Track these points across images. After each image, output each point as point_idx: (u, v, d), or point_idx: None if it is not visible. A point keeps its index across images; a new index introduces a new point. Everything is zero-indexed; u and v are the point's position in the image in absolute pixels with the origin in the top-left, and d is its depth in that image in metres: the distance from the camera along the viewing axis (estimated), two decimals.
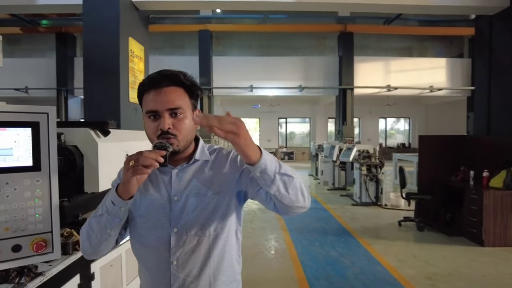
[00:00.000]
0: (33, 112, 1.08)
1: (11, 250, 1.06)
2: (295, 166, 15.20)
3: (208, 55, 14.23)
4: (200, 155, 1.10)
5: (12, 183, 1.06)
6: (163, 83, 1.00)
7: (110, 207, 0.95)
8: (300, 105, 18.23)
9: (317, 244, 4.63)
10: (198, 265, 1.04)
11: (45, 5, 5.06)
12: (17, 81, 14.10)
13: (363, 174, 6.93)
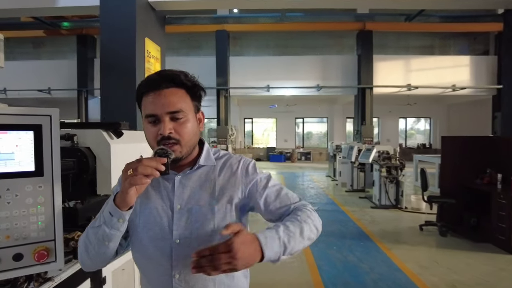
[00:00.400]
0: (35, 114, 1.03)
1: (12, 259, 1.01)
2: (312, 167, 15.01)
3: (225, 55, 14.24)
4: (205, 160, 1.04)
5: (13, 189, 1.01)
6: (163, 84, 0.93)
7: (108, 218, 0.89)
8: (317, 105, 17.99)
9: (334, 248, 4.50)
10: (201, 279, 0.97)
11: (64, 8, 5.13)
12: (41, 83, 14.55)
13: (382, 176, 6.73)
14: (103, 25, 4.37)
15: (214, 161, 1.05)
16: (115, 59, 4.37)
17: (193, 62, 15.04)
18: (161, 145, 0.91)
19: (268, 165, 16.15)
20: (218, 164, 1.05)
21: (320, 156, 18.37)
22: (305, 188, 9.43)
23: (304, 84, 13.92)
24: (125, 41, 4.37)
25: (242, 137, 19.15)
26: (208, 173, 1.03)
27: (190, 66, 12.40)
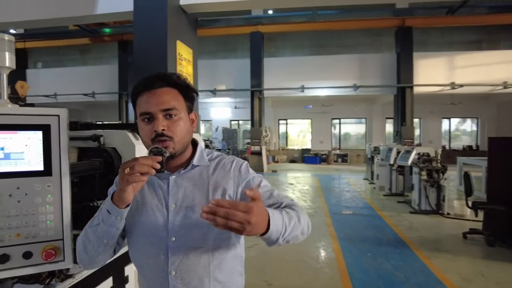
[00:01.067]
0: (43, 114, 1.04)
1: (22, 256, 1.02)
2: (349, 169, 14.59)
3: (259, 56, 14.27)
4: (199, 160, 1.07)
5: (23, 188, 1.03)
6: (157, 84, 0.98)
7: (106, 216, 0.92)
8: (355, 105, 17.46)
9: (368, 255, 4.29)
10: (197, 276, 1.01)
11: (102, 15, 5.39)
12: (86, 87, 15.44)
13: (422, 179, 6.35)
14: (136, 29, 4.51)
15: (208, 162, 1.09)
16: (147, 62, 4.49)
17: (229, 64, 15.24)
18: (155, 142, 0.95)
19: (303, 166, 15.91)
20: (211, 165, 1.09)
21: (357, 158, 17.80)
22: (341, 191, 9.16)
23: (340, 84, 13.60)
24: (157, 44, 4.48)
25: (277, 138, 19.03)
26: (202, 173, 1.06)
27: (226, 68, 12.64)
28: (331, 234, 5.18)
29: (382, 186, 8.56)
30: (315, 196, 8.30)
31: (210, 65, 15.04)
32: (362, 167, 14.45)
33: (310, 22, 13.05)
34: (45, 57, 18.22)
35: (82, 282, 1.55)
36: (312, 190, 9.33)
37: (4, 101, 1.10)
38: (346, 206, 7.09)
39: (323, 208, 6.99)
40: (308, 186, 10.05)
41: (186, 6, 5.08)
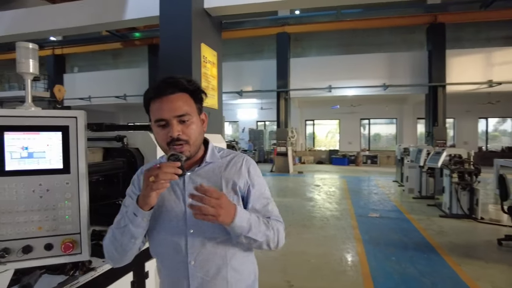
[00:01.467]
0: (63, 116, 1.11)
1: (44, 248, 1.10)
2: (378, 171, 14.20)
3: (286, 57, 14.25)
4: (211, 157, 1.16)
5: (44, 184, 1.11)
6: (168, 90, 1.03)
7: (133, 218, 1.01)
8: (385, 105, 16.97)
9: (393, 259, 4.17)
10: (215, 265, 1.09)
11: (130, 20, 5.61)
12: (118, 90, 16.06)
13: (454, 182, 6.09)
14: (162, 33, 4.66)
15: (220, 158, 1.17)
16: (173, 64, 4.62)
17: (255, 66, 15.33)
18: (171, 145, 1.02)
19: (330, 168, 15.68)
20: (223, 162, 1.17)
21: (388, 160, 17.28)
22: (368, 193, 8.96)
23: (368, 83, 13.30)
24: (182, 47, 4.60)
25: (303, 139, 18.86)
26: (214, 169, 1.14)
27: (253, 70, 12.72)
28: (355, 237, 5.09)
29: (412, 188, 8.28)
30: (342, 198, 8.17)
31: (237, 67, 15.19)
32: (392, 169, 14.05)
33: (337, 21, 12.88)
34: (81, 61, 19.16)
35: (104, 275, 1.63)
36: (339, 192, 9.19)
37: (28, 104, 1.19)
38: (373, 209, 6.93)
39: (349, 210, 6.87)
40: (335, 188, 9.90)
41: (210, 9, 5.17)
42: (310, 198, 8.27)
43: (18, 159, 1.09)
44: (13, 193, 1.09)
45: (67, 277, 1.49)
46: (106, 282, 1.67)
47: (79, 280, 1.47)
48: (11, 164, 1.08)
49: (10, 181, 1.08)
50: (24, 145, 1.09)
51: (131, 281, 1.90)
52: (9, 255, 1.08)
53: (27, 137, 1.09)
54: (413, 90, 13.11)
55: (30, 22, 7.65)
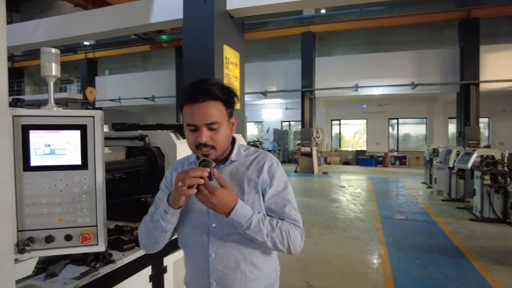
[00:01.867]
0: (81, 115, 1.18)
1: (64, 238, 1.18)
2: (407, 172, 13.79)
3: (311, 56, 14.14)
4: (236, 156, 1.20)
5: (64, 179, 1.19)
6: (201, 98, 1.07)
7: (163, 215, 1.10)
8: (413, 104, 16.41)
9: (417, 262, 4.05)
10: (234, 259, 1.14)
11: (155, 23, 5.80)
12: (147, 91, 16.53)
13: (485, 184, 5.82)
14: (186, 35, 4.78)
15: (244, 157, 1.21)
16: (195, 66, 4.72)
17: (280, 66, 15.31)
18: (199, 149, 1.09)
19: (357, 169, 15.38)
20: (248, 160, 1.21)
21: (417, 161, 16.71)
22: (395, 195, 8.73)
23: (396, 82, 12.94)
24: (204, 49, 4.69)
25: (329, 139, 18.60)
26: (238, 167, 1.19)
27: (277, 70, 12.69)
28: (379, 239, 4.98)
29: (440, 190, 7.99)
30: (367, 200, 8.01)
31: (261, 67, 15.24)
32: (421, 170, 13.57)
33: (364, 19, 12.60)
34: (112, 64, 19.92)
35: (123, 267, 1.71)
36: (364, 193, 9.01)
37: (51, 104, 1.28)
38: (399, 211, 6.75)
39: (374, 212, 6.73)
40: (361, 189, 9.72)
41: (232, 11, 5.24)
42: (334, 199, 8.17)
43: (41, 155, 1.17)
44: (37, 187, 1.17)
45: (89, 268, 1.58)
46: (125, 275, 1.74)
47: (99, 271, 1.56)
48: (36, 160, 1.17)
49: (34, 175, 1.17)
50: (47, 143, 1.18)
51: (150, 275, 1.97)
52: (33, 244, 1.16)
53: (49, 135, 1.18)
54: (444, 88, 12.61)
55: (65, 28, 8.07)
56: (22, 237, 1.15)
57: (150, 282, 1.95)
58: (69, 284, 1.40)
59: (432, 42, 14.17)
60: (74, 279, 1.44)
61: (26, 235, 1.16)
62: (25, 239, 1.15)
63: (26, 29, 8.71)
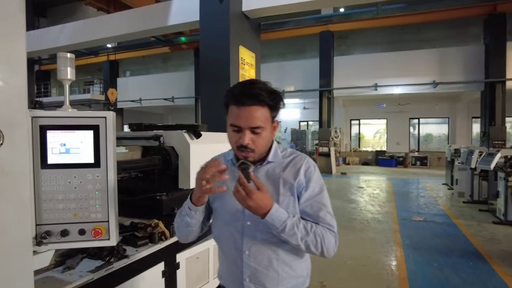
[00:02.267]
0: (94, 116, 1.25)
1: (78, 233, 1.25)
2: (428, 173, 13.46)
3: (329, 56, 14.02)
4: (273, 157, 1.21)
5: (78, 176, 1.26)
6: (248, 102, 1.08)
7: (188, 211, 1.16)
8: (435, 103, 15.97)
9: (434, 265, 3.97)
10: (267, 257, 1.16)
11: (173, 25, 5.93)
12: (167, 92, 16.82)
13: (510, 186, 5.62)
14: (202, 36, 4.86)
15: (281, 159, 1.22)
16: (211, 67, 4.80)
17: (298, 65, 15.25)
18: (239, 149, 1.12)
19: (376, 169, 15.12)
20: (284, 162, 1.22)
21: (438, 162, 16.27)
22: (414, 196, 8.55)
23: (417, 81, 12.65)
24: (220, 50, 4.76)
25: (348, 139, 18.36)
26: (275, 168, 1.20)
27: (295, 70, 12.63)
28: (396, 240, 4.91)
29: (462, 192, 7.76)
30: (385, 201, 7.88)
31: (279, 67, 15.23)
32: (442, 171, 13.19)
33: (384, 17, 12.37)
34: (133, 66, 20.38)
35: (136, 263, 1.78)
36: (383, 194, 8.87)
37: (66, 106, 1.36)
38: (417, 212, 6.61)
39: (392, 213, 6.62)
40: (379, 190, 9.57)
41: (248, 12, 5.29)
42: (352, 200, 8.08)
43: (57, 154, 1.25)
44: (53, 183, 1.25)
45: (104, 262, 1.65)
46: (138, 270, 1.81)
47: (113, 266, 1.63)
48: (52, 158, 1.25)
49: (51, 173, 1.25)
50: (62, 142, 1.25)
51: (162, 271, 2.03)
52: (50, 237, 1.24)
53: (65, 135, 1.25)
54: (467, 87, 12.23)
55: (88, 31, 8.35)
56: (40, 231, 1.23)
57: (163, 277, 2.01)
58: (84, 277, 1.47)
59: (455, 40, 13.75)
60: (90, 272, 1.52)
61: (43, 229, 1.24)
62: (43, 233, 1.23)
63: (51, 34, 9.07)
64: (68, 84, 1.37)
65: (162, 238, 2.02)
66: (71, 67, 1.34)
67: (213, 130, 2.72)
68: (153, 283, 1.93)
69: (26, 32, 1.08)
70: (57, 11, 18.05)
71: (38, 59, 17.70)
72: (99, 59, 17.64)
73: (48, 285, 1.39)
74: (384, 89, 13.40)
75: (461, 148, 8.71)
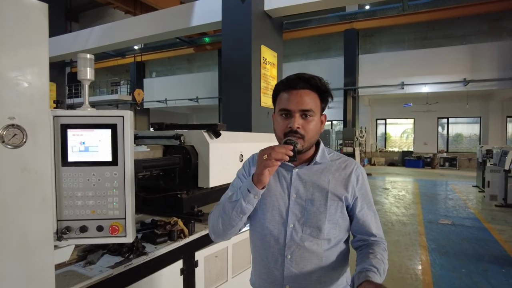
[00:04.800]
0: (112, 115, 1.28)
1: (96, 229, 1.28)
2: (457, 175, 12.93)
3: (354, 54, 13.78)
4: (321, 158, 1.16)
5: (97, 174, 1.29)
6: (300, 84, 1.08)
7: (245, 194, 1.05)
8: (465, 102, 15.27)
9: (462, 271, 3.80)
10: (310, 263, 1.10)
11: (196, 26, 6.00)
12: (191, 93, 17.09)
13: None
14: (224, 36, 4.90)
15: (329, 160, 1.17)
16: (233, 67, 4.82)
17: (321, 64, 15.09)
18: (288, 136, 1.06)
19: (403, 170, 14.69)
20: (333, 164, 1.17)
21: (469, 163, 15.60)
22: (442, 199, 8.24)
23: (446, 79, 12.18)
24: (242, 50, 4.78)
25: (374, 139, 17.92)
26: (323, 170, 1.15)
27: (318, 68, 12.47)
28: (421, 243, 4.74)
29: (494, 195, 7.39)
30: (411, 203, 7.64)
31: (302, 66, 15.11)
32: (473, 173, 12.64)
33: (412, 13, 11.97)
34: (158, 67, 20.84)
35: (155, 260, 1.81)
36: (409, 196, 8.61)
37: (85, 105, 1.40)
38: (445, 215, 6.36)
39: (418, 216, 6.41)
40: (405, 191, 9.29)
41: (270, 11, 5.27)
42: (376, 201, 7.89)
43: (77, 152, 1.29)
44: (73, 180, 1.29)
45: (123, 258, 1.70)
46: (156, 267, 1.84)
47: (132, 262, 1.67)
48: (72, 156, 1.29)
49: (71, 170, 1.29)
50: (82, 140, 1.29)
51: (181, 268, 2.05)
52: (70, 233, 1.28)
53: (84, 134, 1.29)
54: (501, 84, 11.63)
55: (115, 34, 8.61)
56: (60, 226, 1.27)
57: (181, 275, 2.03)
58: (104, 272, 1.51)
59: (488, 35, 13.11)
60: (109, 268, 1.56)
61: (63, 225, 1.28)
62: (63, 228, 1.27)
63: (81, 37, 9.43)
64: (87, 84, 1.42)
65: (181, 236, 2.04)
66: (91, 67, 1.37)
67: (233, 130, 2.73)
68: (172, 280, 1.96)
69: (48, 36, 1.12)
70: (87, 15, 18.75)
71: (70, 62, 18.44)
72: (126, 61, 18.14)
73: (69, 278, 1.44)
74: (411, 87, 12.99)
75: (493, 149, 8.31)
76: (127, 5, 12.98)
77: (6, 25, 1.02)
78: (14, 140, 1.03)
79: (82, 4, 17.89)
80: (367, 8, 12.58)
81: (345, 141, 13.59)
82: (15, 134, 1.03)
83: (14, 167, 1.05)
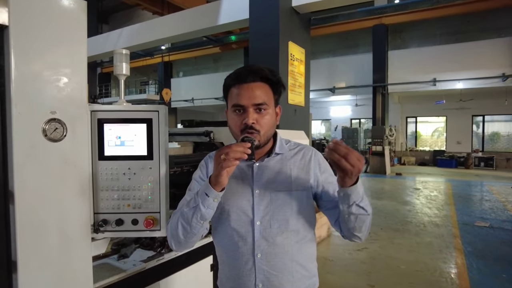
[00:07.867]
0: (147, 110, 1.29)
1: (131, 222, 1.30)
2: (494, 175, 12.29)
3: (383, 50, 13.41)
4: (280, 149, 1.14)
5: (132, 168, 1.31)
6: (250, 77, 1.03)
7: (204, 198, 0.98)
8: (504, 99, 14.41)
9: (503, 276, 3.59)
10: (281, 259, 1.07)
11: (223, 25, 6.03)
12: (217, 92, 17.24)
13: None
14: (252, 34, 4.88)
15: (288, 150, 1.16)
16: (260, 63, 4.78)
17: (349, 61, 14.80)
18: (244, 133, 1.02)
19: (434, 170, 14.11)
20: (292, 153, 1.16)
21: (507, 163, 14.76)
22: (478, 200, 7.85)
23: (482, 75, 11.59)
24: (269, 47, 4.74)
25: (404, 138, 17.34)
26: (283, 161, 1.13)
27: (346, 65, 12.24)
28: (456, 246, 4.53)
29: None
30: (444, 204, 7.34)
31: (329, 63, 14.88)
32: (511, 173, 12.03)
33: (444, 6, 11.46)
34: (185, 67, 21.17)
35: (186, 255, 1.83)
36: (442, 197, 8.26)
37: (121, 100, 1.42)
38: (481, 217, 6.06)
39: (452, 217, 6.14)
40: (437, 192, 8.94)
41: (298, 7, 5.19)
42: (407, 202, 7.64)
43: (113, 146, 1.31)
44: (110, 174, 1.31)
45: (155, 253, 1.72)
46: (187, 262, 1.86)
47: (164, 257, 1.69)
48: (109, 150, 1.31)
49: (108, 164, 1.31)
50: (118, 135, 1.31)
51: (211, 264, 2.06)
52: (106, 226, 1.30)
53: (120, 128, 1.31)
54: None
55: (143, 34, 8.82)
56: (97, 219, 1.30)
57: (211, 271, 2.04)
58: (137, 266, 1.54)
59: None
60: (142, 262, 1.59)
61: (100, 217, 1.30)
62: (100, 221, 1.29)
63: (111, 38, 9.73)
64: (123, 79, 1.43)
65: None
66: (126, 62, 1.39)
67: None
68: (202, 275, 1.97)
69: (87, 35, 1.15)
70: (117, 17, 19.35)
71: (100, 62, 19.09)
72: (154, 61, 18.56)
73: (105, 270, 1.47)
74: (444, 84, 12.47)
75: None
76: (154, 5, 13.26)
77: (48, 22, 1.05)
78: (55, 134, 1.05)
79: (112, 7, 18.49)
80: (397, 2, 12.18)
81: (374, 140, 13.22)
82: (56, 128, 1.06)
83: (56, 160, 1.07)
